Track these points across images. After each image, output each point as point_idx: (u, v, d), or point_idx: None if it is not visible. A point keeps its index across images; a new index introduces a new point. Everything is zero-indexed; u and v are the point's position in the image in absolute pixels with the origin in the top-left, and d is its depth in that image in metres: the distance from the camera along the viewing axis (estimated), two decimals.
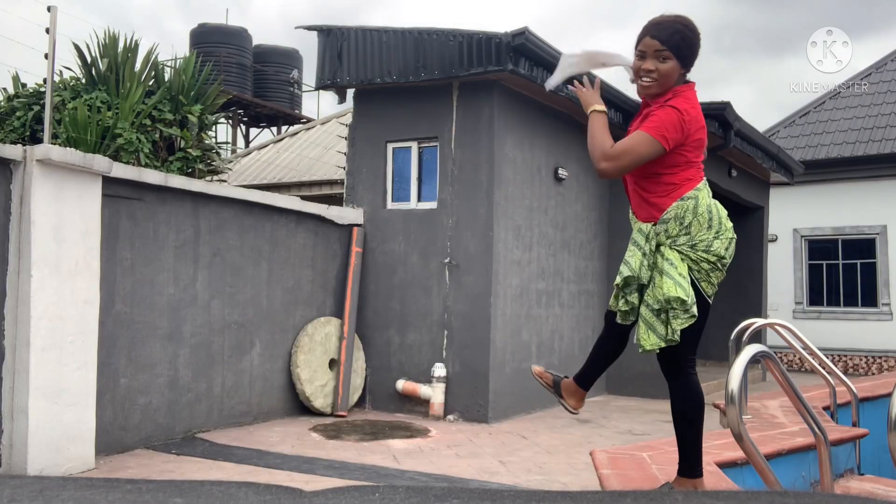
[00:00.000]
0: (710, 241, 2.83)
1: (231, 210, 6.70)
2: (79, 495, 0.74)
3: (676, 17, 2.83)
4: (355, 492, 0.76)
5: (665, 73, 2.78)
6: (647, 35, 2.79)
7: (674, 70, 2.79)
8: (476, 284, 7.51)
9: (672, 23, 2.79)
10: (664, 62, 2.77)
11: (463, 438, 6.50)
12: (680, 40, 2.78)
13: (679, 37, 2.77)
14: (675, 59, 2.77)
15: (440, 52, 7.48)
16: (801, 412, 3.20)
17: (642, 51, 2.80)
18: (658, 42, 2.75)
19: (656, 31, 2.77)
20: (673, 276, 2.78)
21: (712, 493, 0.76)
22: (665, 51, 2.75)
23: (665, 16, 2.83)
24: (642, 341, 2.86)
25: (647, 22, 2.84)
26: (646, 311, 2.85)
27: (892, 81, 14.89)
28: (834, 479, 3.71)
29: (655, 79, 2.79)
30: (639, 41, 2.82)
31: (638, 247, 2.88)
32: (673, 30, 2.77)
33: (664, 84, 2.81)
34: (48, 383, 4.79)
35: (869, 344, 13.58)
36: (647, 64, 2.79)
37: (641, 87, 2.85)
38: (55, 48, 6.39)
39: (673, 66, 2.78)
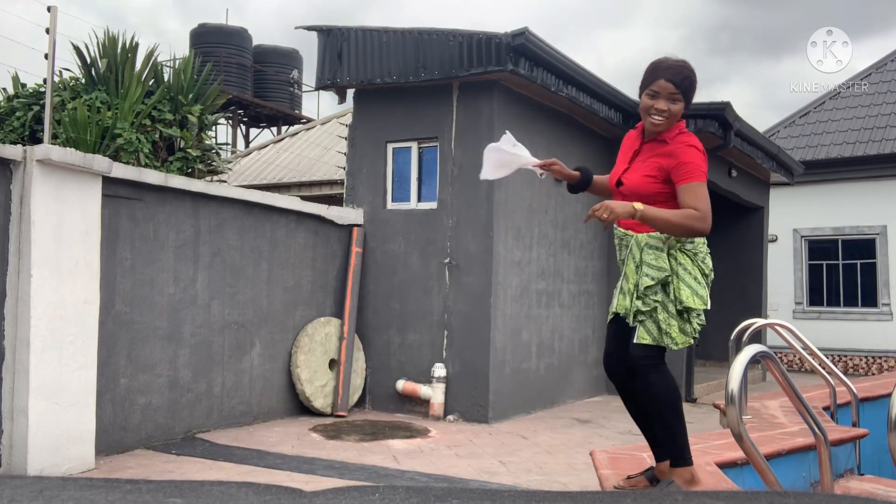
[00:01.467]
0: (705, 253, 3.05)
1: (231, 210, 6.70)
2: (79, 495, 0.74)
3: (683, 61, 3.04)
4: (355, 492, 0.76)
5: (675, 113, 2.99)
6: (662, 78, 2.97)
7: (681, 111, 3.01)
8: (476, 284, 7.51)
9: (682, 68, 3.00)
10: (675, 104, 2.97)
11: (463, 439, 6.50)
12: (689, 85, 3.01)
13: (688, 82, 3.00)
14: (682, 102, 2.99)
15: (440, 52, 7.48)
16: (801, 412, 3.20)
17: (655, 91, 2.98)
18: (673, 86, 2.95)
19: (670, 74, 2.96)
20: (690, 285, 2.98)
21: (712, 494, 0.76)
22: (677, 94, 2.96)
23: (674, 59, 3.03)
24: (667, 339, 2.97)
25: (655, 63, 3.04)
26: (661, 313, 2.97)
27: (892, 81, 14.89)
28: (834, 479, 3.71)
29: (667, 118, 2.98)
30: (650, 81, 3.00)
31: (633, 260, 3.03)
32: (684, 75, 2.98)
33: (671, 122, 3.02)
34: (48, 383, 4.79)
35: (869, 344, 13.58)
36: (660, 104, 2.97)
37: (652, 124, 3.01)
38: (55, 48, 6.39)
39: (681, 108, 3.00)
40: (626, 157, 3.19)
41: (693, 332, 3.00)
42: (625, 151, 3.21)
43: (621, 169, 3.16)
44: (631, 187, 3.04)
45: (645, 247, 3.00)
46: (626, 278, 3.05)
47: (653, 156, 3.04)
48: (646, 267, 2.97)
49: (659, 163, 3.01)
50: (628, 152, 3.18)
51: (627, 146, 3.22)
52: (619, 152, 3.27)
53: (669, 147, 3.01)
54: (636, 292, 2.98)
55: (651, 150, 3.07)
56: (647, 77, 3.03)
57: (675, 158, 2.96)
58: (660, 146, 3.03)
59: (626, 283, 3.04)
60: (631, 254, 3.04)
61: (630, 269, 3.03)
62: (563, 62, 7.68)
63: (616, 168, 3.21)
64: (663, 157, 3.00)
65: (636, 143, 3.16)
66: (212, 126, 8.83)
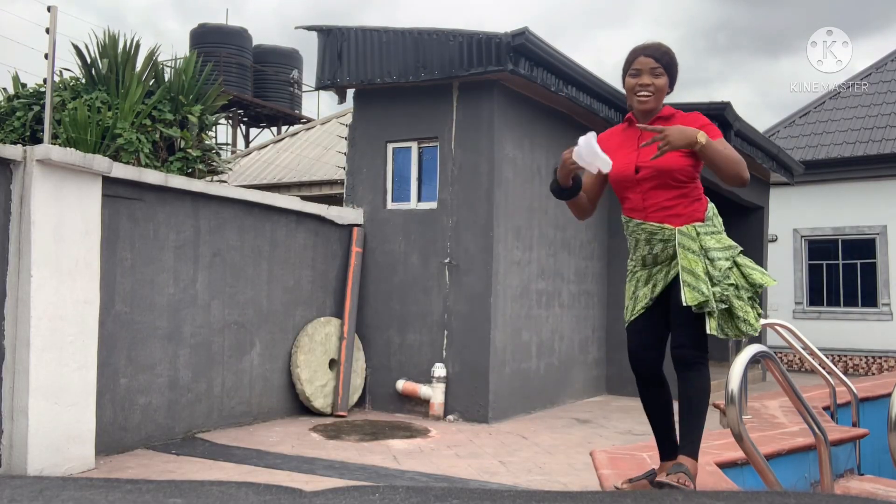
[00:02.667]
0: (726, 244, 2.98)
1: (231, 210, 6.70)
2: (79, 495, 0.74)
3: (660, 42, 3.07)
4: (355, 492, 0.76)
5: (660, 87, 2.99)
6: (641, 55, 3.00)
7: (665, 86, 3.01)
8: (476, 284, 7.51)
9: (659, 45, 3.04)
10: (658, 78, 2.98)
11: (463, 438, 6.50)
12: (669, 60, 3.02)
13: (668, 57, 3.01)
14: (666, 76, 2.99)
15: (440, 52, 7.49)
16: (801, 412, 3.20)
17: (637, 69, 2.99)
18: (652, 59, 2.97)
19: (649, 51, 3.00)
20: (753, 265, 2.97)
21: (712, 494, 0.75)
22: (658, 67, 2.98)
23: (650, 41, 3.07)
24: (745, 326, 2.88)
25: (633, 48, 3.07)
26: (735, 300, 2.87)
27: (892, 81, 14.89)
28: (834, 479, 3.71)
29: (652, 92, 2.97)
30: (631, 62, 3.02)
31: (690, 251, 2.91)
32: (662, 51, 3.02)
33: (659, 98, 3.01)
34: (48, 383, 4.79)
35: (869, 344, 13.58)
36: (643, 79, 2.98)
37: (639, 101, 3.00)
38: (55, 48, 6.39)
39: (665, 82, 3.00)
40: (626, 147, 3.06)
41: (758, 317, 2.94)
42: (621, 143, 3.08)
43: (628, 158, 3.01)
44: (657, 166, 2.92)
45: (702, 234, 2.92)
46: (685, 270, 2.87)
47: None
48: (713, 252, 2.88)
49: None
50: (628, 142, 3.07)
51: (621, 138, 3.11)
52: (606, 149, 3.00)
53: (680, 119, 2.98)
54: (711, 280, 2.84)
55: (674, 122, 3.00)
56: (628, 59, 3.05)
57: (697, 120, 2.93)
58: (667, 123, 2.98)
59: (690, 276, 2.86)
60: (682, 246, 2.91)
61: (690, 259, 2.88)
62: (563, 62, 7.68)
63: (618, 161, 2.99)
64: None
65: (634, 133, 3.06)
66: (212, 126, 8.82)
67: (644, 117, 3.04)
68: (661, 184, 2.95)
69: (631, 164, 3.01)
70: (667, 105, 3.08)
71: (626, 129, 3.13)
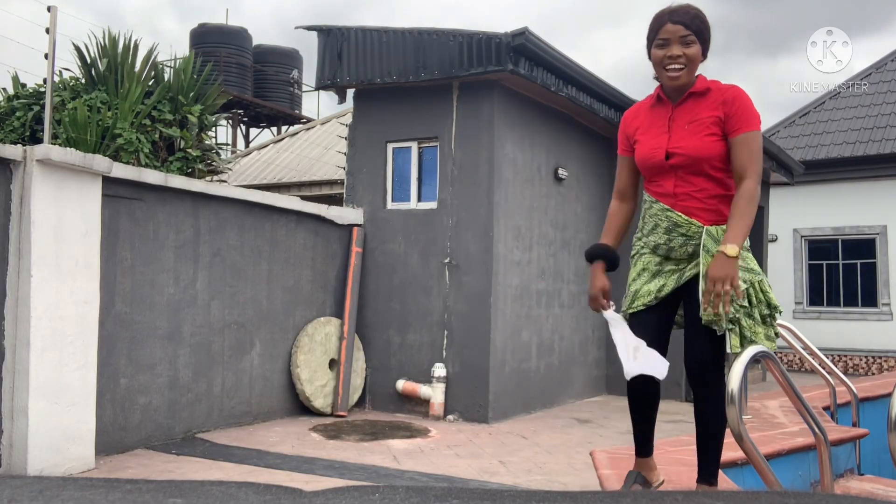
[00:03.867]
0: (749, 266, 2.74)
1: (231, 210, 6.70)
2: (79, 495, 0.74)
3: (688, 3, 2.69)
4: (355, 492, 0.76)
5: (693, 57, 2.63)
6: (668, 21, 2.62)
7: (699, 55, 2.64)
8: (476, 284, 7.51)
9: (689, 7, 2.66)
10: (689, 47, 2.62)
11: (463, 438, 6.50)
12: (701, 24, 2.65)
13: (699, 20, 2.65)
14: (698, 44, 2.64)
15: (440, 52, 7.49)
16: (801, 412, 3.20)
17: (665, 38, 2.63)
18: (682, 27, 2.60)
19: (677, 16, 2.62)
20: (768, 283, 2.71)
21: (712, 493, 0.76)
22: (690, 35, 2.61)
23: (677, 4, 2.69)
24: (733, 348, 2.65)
25: (658, 12, 2.69)
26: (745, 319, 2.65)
27: (892, 81, 14.89)
28: (834, 479, 3.71)
29: (684, 64, 2.62)
30: (657, 30, 2.66)
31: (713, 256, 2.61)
32: (693, 14, 2.64)
33: (692, 70, 2.65)
34: (48, 383, 4.79)
35: (869, 344, 13.58)
36: (673, 50, 2.61)
37: (670, 77, 2.64)
38: (55, 48, 6.39)
39: (698, 51, 2.64)
40: (656, 128, 2.74)
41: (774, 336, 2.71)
42: (650, 122, 2.76)
43: (659, 141, 2.70)
44: (690, 153, 2.64)
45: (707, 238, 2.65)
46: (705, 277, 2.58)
47: (701, 112, 2.65)
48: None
49: (714, 115, 2.63)
50: (657, 121, 2.74)
51: (650, 117, 2.77)
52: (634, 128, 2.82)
53: (716, 94, 2.64)
54: None
55: (694, 109, 2.67)
56: (652, 27, 2.67)
57: (733, 104, 2.60)
58: (702, 100, 2.66)
59: None
60: (706, 249, 2.64)
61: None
62: (563, 62, 7.68)
63: (647, 142, 2.74)
64: (716, 108, 2.63)
65: (664, 111, 2.72)
66: (212, 126, 8.82)
67: (676, 93, 2.71)
68: (697, 171, 2.66)
69: (661, 149, 2.70)
70: (701, 75, 2.71)
71: (654, 106, 2.79)
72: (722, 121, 2.62)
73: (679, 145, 2.66)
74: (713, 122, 2.63)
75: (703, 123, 2.65)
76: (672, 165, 2.68)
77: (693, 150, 2.64)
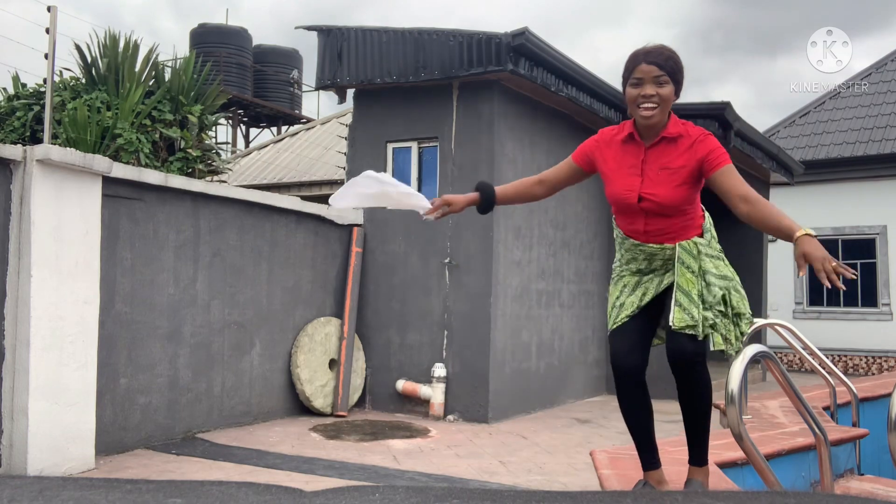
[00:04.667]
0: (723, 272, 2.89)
1: (231, 210, 6.70)
2: (79, 495, 0.74)
3: (662, 45, 2.81)
4: (355, 492, 0.76)
5: (666, 98, 2.74)
6: (642, 62, 2.74)
7: (671, 95, 2.76)
8: (476, 284, 7.51)
9: (663, 48, 2.78)
10: (663, 87, 2.73)
11: (463, 438, 6.50)
12: (675, 65, 2.76)
13: (672, 62, 2.76)
14: (671, 84, 2.75)
15: (440, 52, 7.49)
16: (801, 412, 3.20)
17: (639, 78, 2.74)
18: (656, 67, 2.71)
19: (651, 57, 2.74)
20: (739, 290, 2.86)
21: (712, 493, 0.76)
22: (663, 75, 2.72)
23: (652, 45, 2.81)
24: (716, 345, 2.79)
25: (633, 52, 2.81)
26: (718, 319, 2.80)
27: (892, 81, 14.89)
28: (834, 479, 3.71)
29: (657, 103, 2.73)
30: (632, 70, 2.77)
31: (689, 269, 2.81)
32: (666, 55, 2.75)
33: (665, 109, 2.77)
34: (48, 383, 4.79)
35: (869, 344, 13.58)
36: (646, 89, 2.73)
37: (642, 115, 2.76)
38: (55, 48, 6.39)
39: (671, 91, 2.75)
40: (629, 166, 2.87)
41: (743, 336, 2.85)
42: (621, 160, 2.90)
43: (631, 183, 2.85)
44: (662, 202, 2.80)
45: (702, 255, 2.82)
46: (680, 289, 2.78)
47: (671, 159, 2.80)
48: (710, 276, 2.79)
49: (683, 163, 2.78)
50: (628, 160, 2.87)
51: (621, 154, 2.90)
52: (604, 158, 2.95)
53: (686, 140, 2.78)
54: (703, 304, 2.76)
55: (663, 154, 2.82)
56: (628, 66, 2.79)
57: (702, 148, 2.75)
58: (673, 146, 2.80)
59: (685, 297, 2.77)
60: (681, 262, 2.81)
61: (687, 278, 2.79)
62: (563, 62, 7.68)
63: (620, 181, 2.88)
64: (684, 155, 2.78)
65: (636, 151, 2.86)
66: (212, 126, 8.82)
67: (649, 132, 2.83)
68: (666, 214, 2.81)
69: (633, 192, 2.83)
70: (673, 115, 2.84)
71: (626, 143, 2.89)
72: (694, 167, 2.77)
73: (652, 191, 2.81)
74: (685, 173, 2.78)
75: (676, 173, 2.79)
76: (643, 208, 2.84)
77: (665, 198, 2.79)
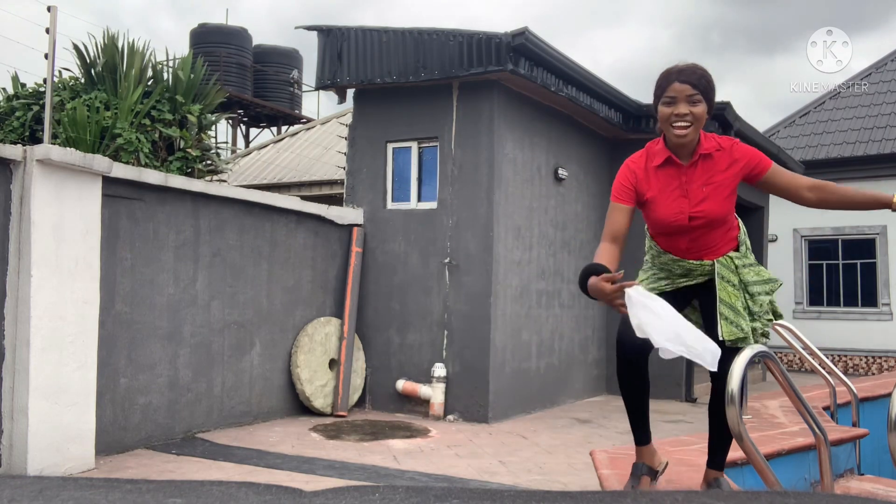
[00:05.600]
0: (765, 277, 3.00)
1: (231, 210, 6.70)
2: (79, 495, 0.74)
3: (695, 64, 2.83)
4: (355, 492, 0.76)
5: (699, 116, 2.75)
6: (675, 81, 2.75)
7: (704, 114, 2.77)
8: (476, 284, 7.51)
9: (695, 67, 2.79)
10: (696, 105, 2.74)
11: (463, 438, 6.50)
12: (707, 84, 2.78)
13: (705, 81, 2.77)
14: (704, 103, 2.76)
15: (440, 52, 7.49)
16: (801, 412, 3.20)
17: (672, 96, 2.75)
18: (689, 86, 2.72)
19: (684, 76, 2.75)
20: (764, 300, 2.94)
21: (712, 493, 0.76)
22: (696, 94, 2.73)
23: (683, 63, 2.83)
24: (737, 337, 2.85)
25: (666, 70, 2.82)
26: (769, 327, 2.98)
27: (892, 81, 14.89)
28: (834, 479, 3.71)
29: (691, 122, 2.74)
30: (664, 88, 2.78)
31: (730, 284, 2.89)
32: (699, 74, 2.76)
33: (698, 128, 2.78)
34: (48, 383, 4.79)
35: (869, 344, 13.58)
36: (680, 108, 2.74)
37: (677, 135, 2.76)
38: (55, 48, 6.39)
39: (704, 110, 2.76)
40: (673, 188, 2.86)
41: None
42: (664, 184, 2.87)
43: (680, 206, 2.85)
44: (711, 216, 2.84)
45: (740, 269, 2.88)
46: (723, 303, 2.84)
47: (712, 175, 2.83)
48: (754, 286, 2.87)
49: (725, 176, 2.83)
50: (671, 184, 2.86)
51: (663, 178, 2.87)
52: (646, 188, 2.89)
53: (726, 153, 2.83)
54: (751, 315, 2.85)
55: (704, 172, 2.83)
56: (660, 84, 2.81)
57: (741, 156, 2.81)
58: (711, 162, 2.83)
59: (729, 310, 2.83)
60: (721, 277, 2.87)
61: (730, 292, 2.85)
62: (563, 62, 7.68)
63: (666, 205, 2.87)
64: (729, 167, 2.82)
65: (676, 173, 2.85)
66: (211, 126, 8.82)
67: (684, 151, 2.84)
68: (711, 227, 2.88)
69: (683, 213, 2.84)
70: (706, 133, 2.87)
71: (663, 167, 2.88)
72: (736, 176, 2.85)
73: (701, 209, 2.84)
74: (728, 184, 2.85)
75: (720, 187, 2.84)
76: (692, 226, 2.88)
77: (714, 213, 2.84)
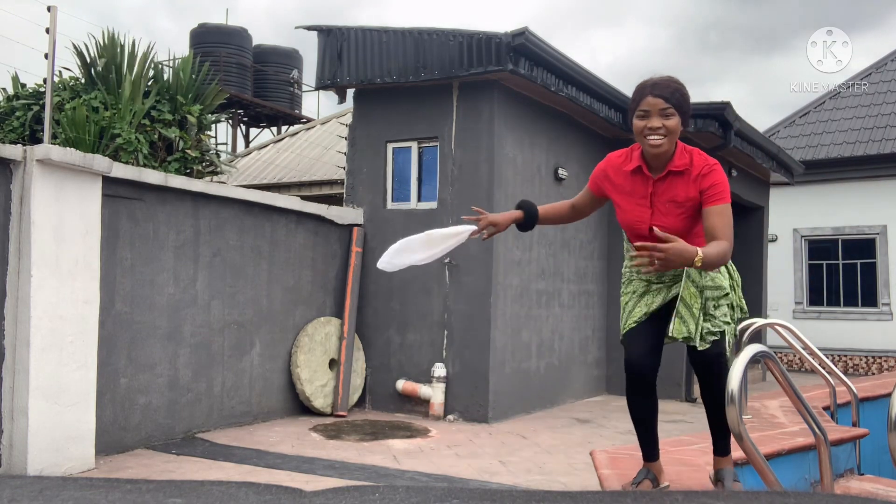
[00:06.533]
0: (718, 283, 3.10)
1: (231, 210, 6.70)
2: (79, 495, 0.74)
3: (669, 77, 2.89)
4: (355, 492, 0.76)
5: (672, 129, 2.81)
6: (649, 94, 2.81)
7: (678, 126, 2.83)
8: (476, 284, 7.51)
9: (669, 81, 2.85)
10: (669, 119, 2.80)
11: (463, 438, 6.50)
12: (681, 98, 2.83)
13: (679, 94, 2.83)
14: (678, 116, 2.82)
15: (440, 52, 7.48)
16: (801, 412, 3.20)
17: (645, 110, 2.81)
18: (662, 100, 2.78)
19: (658, 90, 2.80)
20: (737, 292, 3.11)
21: (712, 493, 0.75)
22: (669, 108, 2.79)
23: (658, 76, 2.88)
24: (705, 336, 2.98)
25: (640, 84, 2.87)
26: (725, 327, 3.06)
27: (892, 81, 14.89)
28: (834, 478, 3.71)
29: (664, 135, 2.80)
30: (638, 101, 2.84)
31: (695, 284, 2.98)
32: (672, 88, 2.82)
33: (672, 140, 2.84)
34: (48, 383, 4.79)
35: (869, 344, 13.58)
36: (653, 121, 2.80)
37: (651, 145, 2.83)
38: (55, 48, 6.39)
39: (677, 122, 2.82)
40: (639, 196, 2.97)
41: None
42: (632, 189, 2.99)
43: (641, 214, 2.96)
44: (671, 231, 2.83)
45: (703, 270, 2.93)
46: (683, 301, 2.94)
47: (677, 192, 2.89)
48: (708, 291, 2.94)
49: (688, 196, 2.87)
50: (637, 191, 2.97)
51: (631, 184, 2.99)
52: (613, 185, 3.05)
53: (694, 172, 2.86)
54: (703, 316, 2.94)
55: (670, 188, 2.90)
56: (634, 98, 2.87)
57: (705, 180, 2.83)
58: (679, 179, 2.88)
59: (686, 309, 2.93)
60: (688, 276, 2.94)
61: (690, 293, 2.93)
62: (563, 62, 7.68)
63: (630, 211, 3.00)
64: (691, 186, 2.86)
65: (645, 183, 2.95)
66: (211, 126, 8.81)
67: (656, 163, 2.90)
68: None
69: (644, 222, 2.94)
70: (680, 143, 2.92)
71: (635, 174, 2.98)
72: (695, 198, 2.87)
73: (661, 223, 2.90)
74: (691, 205, 2.89)
75: (682, 206, 2.90)
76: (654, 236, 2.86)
77: (674, 229, 2.86)
